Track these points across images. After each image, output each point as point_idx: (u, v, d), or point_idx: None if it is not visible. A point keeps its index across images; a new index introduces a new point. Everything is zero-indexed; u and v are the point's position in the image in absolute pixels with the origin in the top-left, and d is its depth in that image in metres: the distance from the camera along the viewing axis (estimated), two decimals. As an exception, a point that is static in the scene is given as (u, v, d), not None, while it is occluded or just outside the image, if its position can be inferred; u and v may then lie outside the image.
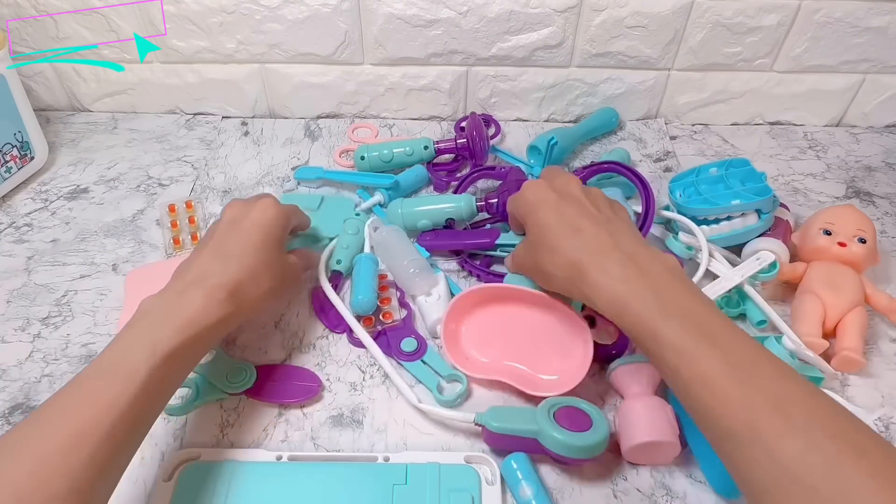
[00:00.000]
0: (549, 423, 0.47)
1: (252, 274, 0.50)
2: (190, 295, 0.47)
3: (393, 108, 0.84)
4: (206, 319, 0.46)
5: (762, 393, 0.37)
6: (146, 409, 0.43)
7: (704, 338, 0.40)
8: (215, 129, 0.83)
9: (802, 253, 0.63)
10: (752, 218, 0.63)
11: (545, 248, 0.48)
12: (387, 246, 0.63)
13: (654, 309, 0.42)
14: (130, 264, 0.66)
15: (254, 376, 0.54)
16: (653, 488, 0.49)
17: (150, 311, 0.46)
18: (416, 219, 0.65)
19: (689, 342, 0.40)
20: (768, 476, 0.36)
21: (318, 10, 0.74)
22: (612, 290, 0.44)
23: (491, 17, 0.74)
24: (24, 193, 0.74)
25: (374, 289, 0.59)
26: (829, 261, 0.60)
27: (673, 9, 0.74)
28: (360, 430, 0.53)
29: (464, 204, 0.65)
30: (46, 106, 0.85)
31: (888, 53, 0.78)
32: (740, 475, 0.38)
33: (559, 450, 0.47)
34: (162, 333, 0.44)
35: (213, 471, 0.48)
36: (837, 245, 0.60)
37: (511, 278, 0.57)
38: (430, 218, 0.65)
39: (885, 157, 0.81)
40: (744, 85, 0.81)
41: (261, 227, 0.53)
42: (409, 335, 0.58)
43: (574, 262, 0.46)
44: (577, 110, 0.84)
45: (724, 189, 0.65)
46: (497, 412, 0.50)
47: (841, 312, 0.57)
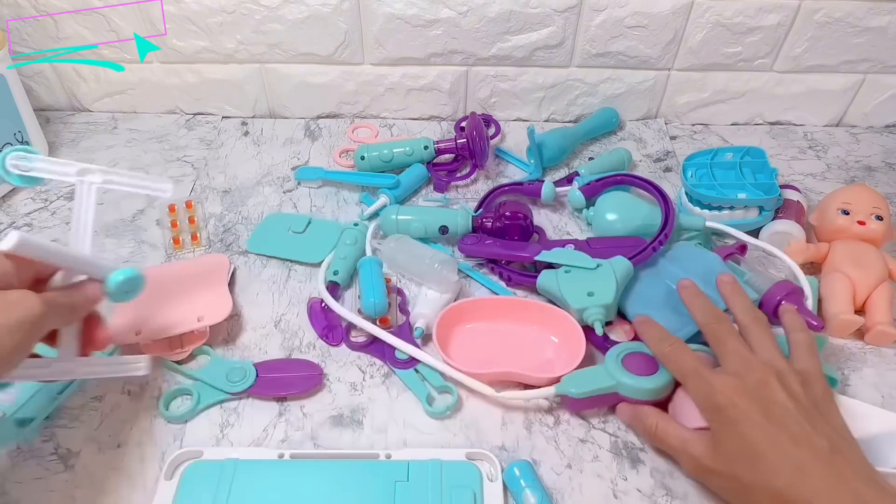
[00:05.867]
0: (625, 375, 0.50)
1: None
2: None
3: (393, 108, 0.84)
4: None
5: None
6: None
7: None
8: (215, 129, 0.83)
9: (822, 233, 0.64)
10: (752, 212, 0.66)
11: (755, 480, 0.42)
12: (402, 249, 0.63)
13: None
14: (130, 264, 0.65)
15: (253, 374, 0.54)
16: (653, 488, 0.49)
17: None
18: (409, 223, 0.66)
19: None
20: None
21: (318, 10, 0.74)
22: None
23: (491, 17, 0.74)
24: (24, 193, 0.74)
25: (384, 291, 0.59)
26: (850, 239, 0.62)
27: (673, 9, 0.74)
28: (360, 430, 0.53)
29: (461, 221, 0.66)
30: (46, 106, 0.85)
31: (888, 53, 0.78)
32: None
33: (640, 396, 0.50)
34: None
35: (216, 469, 0.48)
36: (857, 224, 0.62)
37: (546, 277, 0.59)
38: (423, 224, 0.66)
39: (885, 157, 0.81)
40: (744, 85, 0.81)
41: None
42: (406, 342, 0.57)
43: (794, 501, 0.40)
44: (577, 110, 0.84)
45: (736, 178, 0.67)
46: (572, 379, 0.51)
47: (869, 289, 0.59)
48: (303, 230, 0.68)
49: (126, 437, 0.51)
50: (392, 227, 0.66)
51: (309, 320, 0.60)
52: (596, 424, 0.53)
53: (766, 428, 0.42)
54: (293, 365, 0.56)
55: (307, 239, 0.67)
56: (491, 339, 0.58)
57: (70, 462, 0.50)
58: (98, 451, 0.51)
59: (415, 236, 0.65)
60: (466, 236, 0.66)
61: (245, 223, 0.70)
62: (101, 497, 0.48)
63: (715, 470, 0.44)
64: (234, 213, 0.72)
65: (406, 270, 0.63)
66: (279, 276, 0.65)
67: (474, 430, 0.52)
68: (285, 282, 0.64)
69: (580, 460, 0.51)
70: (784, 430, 0.42)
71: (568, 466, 0.50)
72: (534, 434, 0.52)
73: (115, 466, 0.50)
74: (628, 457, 0.51)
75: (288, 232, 0.68)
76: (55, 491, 0.48)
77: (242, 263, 0.66)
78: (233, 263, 0.65)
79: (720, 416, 0.44)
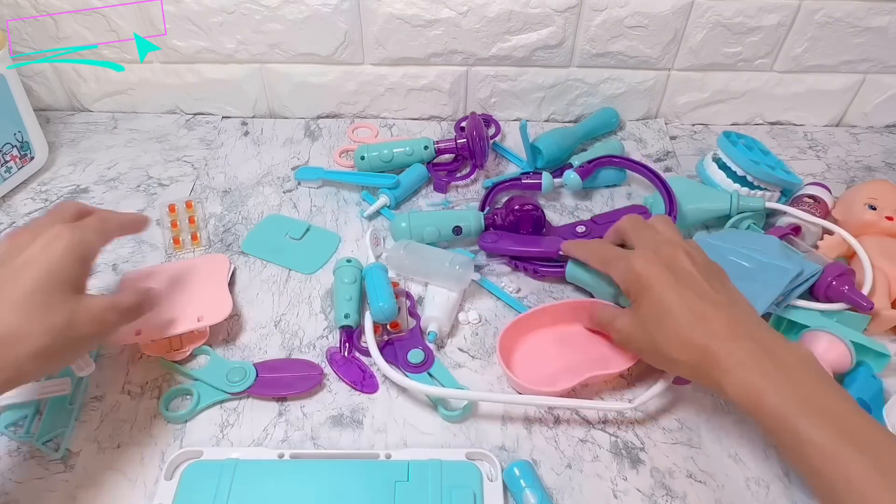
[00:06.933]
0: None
1: (9, 333, 0.39)
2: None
3: (393, 108, 0.84)
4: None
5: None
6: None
7: (850, 440, 0.39)
8: (215, 129, 0.83)
9: (847, 228, 0.64)
10: (776, 195, 0.69)
11: (666, 332, 0.47)
12: (413, 253, 0.62)
13: (793, 404, 0.41)
14: (130, 264, 0.66)
15: (253, 374, 0.54)
16: (653, 488, 0.49)
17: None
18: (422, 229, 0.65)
19: (834, 443, 0.39)
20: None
21: (318, 10, 0.74)
22: (747, 382, 0.42)
23: (491, 17, 0.74)
24: (24, 193, 0.74)
25: (392, 294, 0.59)
26: (879, 235, 0.62)
27: (673, 9, 0.74)
28: (360, 430, 0.53)
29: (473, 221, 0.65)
30: (46, 106, 0.85)
31: (888, 53, 0.78)
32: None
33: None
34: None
35: (216, 469, 0.48)
36: (885, 219, 0.62)
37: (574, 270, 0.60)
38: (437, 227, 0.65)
39: (885, 157, 0.81)
40: (744, 85, 0.81)
41: (37, 268, 0.42)
42: (417, 346, 0.57)
43: (702, 349, 0.45)
44: (577, 110, 0.84)
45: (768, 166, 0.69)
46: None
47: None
48: (300, 237, 0.68)
49: (126, 437, 0.51)
50: (404, 234, 0.65)
51: (334, 372, 0.56)
52: (596, 424, 0.53)
53: (675, 288, 0.48)
54: (293, 365, 0.56)
55: (303, 247, 0.67)
56: (551, 347, 0.58)
57: (70, 462, 0.50)
58: (98, 451, 0.51)
59: (428, 240, 0.65)
60: (485, 234, 0.65)
61: (245, 223, 0.70)
62: (101, 497, 0.48)
63: (634, 335, 0.51)
64: (234, 213, 0.72)
65: (417, 274, 0.63)
66: (279, 277, 0.65)
67: (474, 430, 0.52)
68: (285, 282, 0.64)
69: (580, 460, 0.51)
70: (690, 288, 0.48)
71: (568, 466, 0.50)
72: (534, 434, 0.52)
73: (115, 466, 0.50)
74: (628, 457, 0.51)
75: (285, 237, 0.68)
76: (55, 491, 0.48)
77: (242, 263, 0.66)
78: (233, 263, 0.65)
79: (638, 283, 0.49)
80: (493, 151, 0.79)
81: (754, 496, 0.49)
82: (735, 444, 0.52)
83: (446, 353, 0.58)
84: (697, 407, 0.54)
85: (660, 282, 0.48)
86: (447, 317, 0.58)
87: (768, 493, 0.49)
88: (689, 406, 0.54)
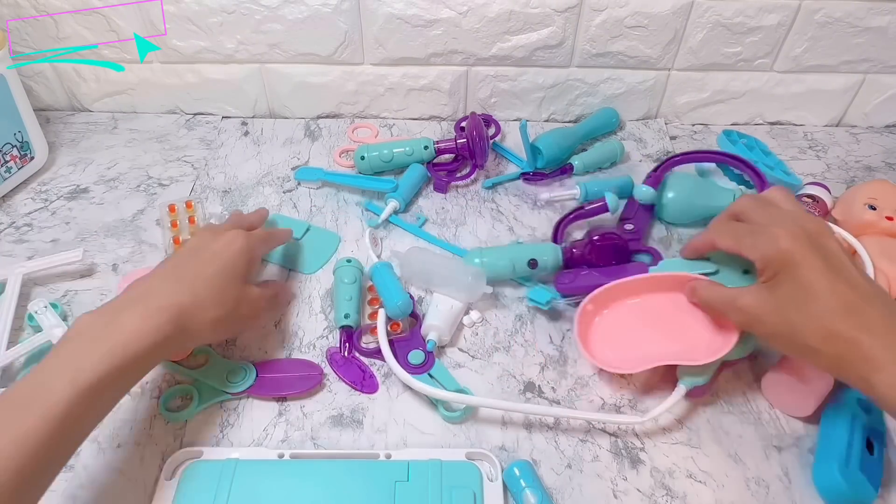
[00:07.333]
0: None
1: (199, 300, 0.49)
2: (128, 314, 0.45)
3: (393, 108, 0.84)
4: (139, 343, 0.44)
5: None
6: (62, 446, 0.40)
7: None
8: (215, 129, 0.83)
9: (847, 228, 0.64)
10: None
11: (808, 318, 0.44)
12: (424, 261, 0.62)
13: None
14: (131, 264, 0.66)
15: (253, 374, 0.54)
16: (653, 488, 0.49)
17: (80, 333, 0.44)
18: (495, 264, 0.61)
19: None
20: None
21: (318, 10, 0.74)
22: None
23: (491, 17, 0.74)
24: (24, 193, 0.74)
25: (404, 290, 0.59)
26: (879, 235, 0.62)
27: (673, 9, 0.74)
28: (360, 430, 0.53)
29: (551, 255, 0.62)
30: (46, 106, 0.85)
31: (888, 53, 0.78)
32: None
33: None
34: (87, 360, 0.41)
35: (216, 469, 0.48)
36: (885, 219, 0.62)
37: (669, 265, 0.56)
38: (511, 261, 0.61)
39: (885, 157, 0.81)
40: (744, 85, 0.81)
41: (221, 259, 0.52)
42: (417, 347, 0.57)
43: (850, 342, 0.42)
44: (577, 110, 0.84)
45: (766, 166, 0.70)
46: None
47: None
48: (300, 237, 0.68)
49: (126, 437, 0.51)
50: None
51: (334, 372, 0.56)
52: (596, 424, 0.53)
53: (824, 271, 0.44)
54: (293, 365, 0.56)
55: (303, 247, 0.67)
56: (633, 322, 0.55)
57: (70, 462, 0.50)
58: (98, 451, 0.51)
59: (504, 275, 0.62)
60: (560, 274, 0.61)
61: (245, 223, 0.70)
62: (101, 497, 0.48)
63: (765, 317, 0.46)
64: (234, 213, 0.72)
65: (428, 282, 0.62)
66: (279, 277, 0.65)
67: (474, 430, 0.52)
68: (285, 282, 0.64)
69: (580, 460, 0.51)
70: (839, 273, 0.44)
71: (568, 466, 0.50)
72: (534, 434, 0.52)
73: (115, 466, 0.50)
74: (628, 457, 0.51)
75: None
76: (55, 491, 0.48)
77: (242, 263, 0.66)
78: (233, 263, 0.65)
79: (782, 261, 0.45)
80: (493, 151, 0.79)
81: (754, 496, 0.49)
82: (735, 444, 0.52)
83: (446, 354, 0.58)
84: (697, 407, 0.54)
85: (808, 262, 0.44)
86: (448, 327, 0.58)
87: (768, 493, 0.49)
88: (689, 406, 0.54)
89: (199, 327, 0.49)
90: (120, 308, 0.46)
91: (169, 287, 0.49)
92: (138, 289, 0.48)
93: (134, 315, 0.45)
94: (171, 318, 0.46)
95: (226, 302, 0.51)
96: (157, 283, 0.49)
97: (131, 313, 0.45)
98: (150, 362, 0.46)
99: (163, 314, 0.46)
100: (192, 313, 0.48)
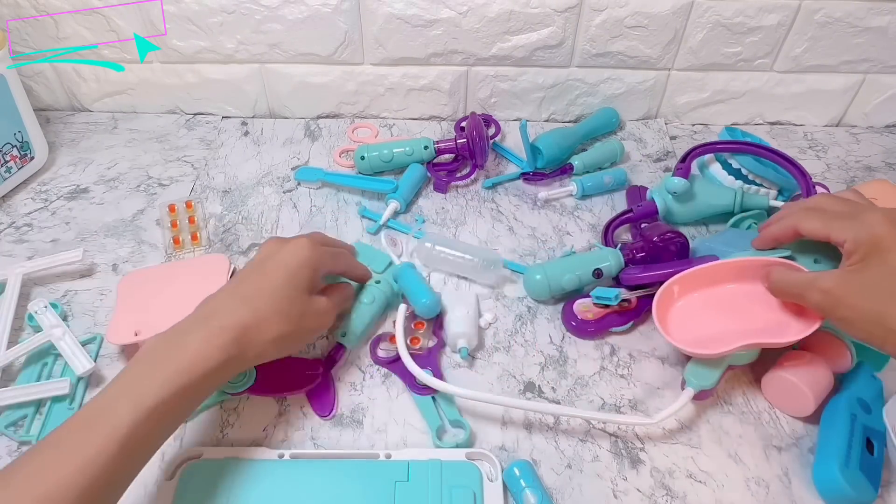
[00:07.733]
0: None
1: (261, 317, 0.47)
2: (191, 336, 0.45)
3: (393, 108, 0.84)
4: (202, 364, 0.43)
5: None
6: (126, 467, 0.40)
7: None
8: (215, 129, 0.83)
9: None
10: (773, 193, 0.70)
11: (893, 303, 0.44)
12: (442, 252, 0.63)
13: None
14: (130, 264, 0.66)
15: (253, 374, 0.54)
16: (653, 488, 0.49)
17: (146, 355, 0.44)
18: (560, 278, 0.61)
19: None
20: None
21: (318, 10, 0.74)
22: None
23: (491, 17, 0.74)
24: (24, 193, 0.74)
25: (431, 289, 0.59)
26: None
27: (673, 9, 0.74)
28: (360, 430, 0.53)
29: (613, 261, 0.61)
30: (46, 106, 0.85)
31: (888, 53, 0.78)
32: None
33: None
34: (150, 383, 0.42)
35: (216, 469, 0.48)
36: None
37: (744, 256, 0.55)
38: (575, 274, 0.61)
39: (885, 157, 0.81)
40: (744, 85, 0.81)
41: (285, 269, 0.50)
42: (428, 367, 0.55)
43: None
44: (577, 110, 0.84)
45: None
46: None
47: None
48: (382, 271, 0.64)
49: (126, 437, 0.51)
50: (541, 286, 0.61)
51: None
52: (596, 424, 0.53)
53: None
54: (293, 365, 0.56)
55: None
56: (712, 310, 0.55)
57: (70, 462, 0.50)
58: (98, 451, 0.51)
59: (568, 289, 0.61)
60: (627, 269, 0.61)
61: (245, 223, 0.70)
62: (101, 497, 0.48)
63: (850, 299, 0.46)
64: (234, 213, 0.72)
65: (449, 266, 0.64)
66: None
67: (474, 430, 0.52)
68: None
69: (580, 460, 0.51)
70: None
71: (568, 466, 0.50)
72: (534, 434, 0.52)
73: (115, 466, 0.50)
74: (628, 457, 0.51)
75: None
76: (55, 491, 0.48)
77: (242, 263, 0.66)
78: (233, 263, 0.64)
79: (874, 245, 0.45)
80: (493, 151, 0.79)
81: (754, 496, 0.49)
82: (735, 444, 0.52)
83: (447, 354, 0.58)
84: (697, 407, 0.54)
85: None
86: (473, 329, 0.57)
87: (768, 493, 0.49)
88: (689, 406, 0.54)
89: (261, 345, 0.47)
90: (184, 330, 0.46)
91: (231, 305, 0.47)
92: (203, 308, 0.48)
93: (197, 337, 0.45)
94: (234, 339, 0.45)
95: (290, 317, 0.49)
96: (221, 302, 0.48)
97: (194, 335, 0.45)
98: (213, 383, 0.45)
99: (225, 334, 0.45)
100: (255, 331, 0.47)
